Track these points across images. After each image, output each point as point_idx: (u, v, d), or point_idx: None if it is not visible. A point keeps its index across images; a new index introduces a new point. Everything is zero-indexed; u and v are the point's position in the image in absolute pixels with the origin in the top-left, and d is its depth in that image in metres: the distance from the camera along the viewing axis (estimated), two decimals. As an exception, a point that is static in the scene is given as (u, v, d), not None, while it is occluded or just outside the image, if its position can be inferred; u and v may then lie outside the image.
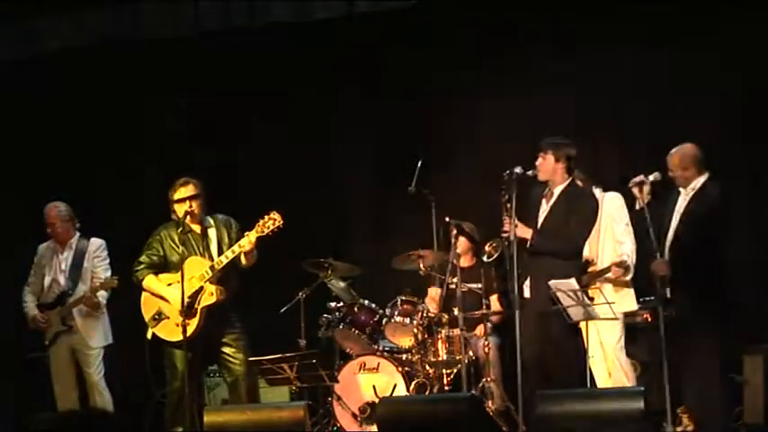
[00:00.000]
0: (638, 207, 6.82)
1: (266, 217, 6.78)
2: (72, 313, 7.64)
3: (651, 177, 6.68)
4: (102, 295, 7.66)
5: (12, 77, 9.25)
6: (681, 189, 6.80)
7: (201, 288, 6.84)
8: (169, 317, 6.95)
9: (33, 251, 7.97)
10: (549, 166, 6.99)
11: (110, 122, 9.36)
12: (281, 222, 6.74)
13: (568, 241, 6.91)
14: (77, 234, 7.83)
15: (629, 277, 7.03)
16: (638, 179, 6.68)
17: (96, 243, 7.79)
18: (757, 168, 8.10)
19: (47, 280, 7.77)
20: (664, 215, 6.78)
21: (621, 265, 6.95)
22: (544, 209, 7.05)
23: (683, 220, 6.70)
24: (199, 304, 6.82)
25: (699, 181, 6.74)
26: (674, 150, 6.79)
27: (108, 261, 7.77)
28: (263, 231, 6.75)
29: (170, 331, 6.94)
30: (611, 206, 7.10)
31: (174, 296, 6.87)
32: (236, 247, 6.84)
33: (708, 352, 6.59)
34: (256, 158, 9.25)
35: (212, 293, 6.86)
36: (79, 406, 7.63)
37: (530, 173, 6.95)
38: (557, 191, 7.04)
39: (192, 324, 6.84)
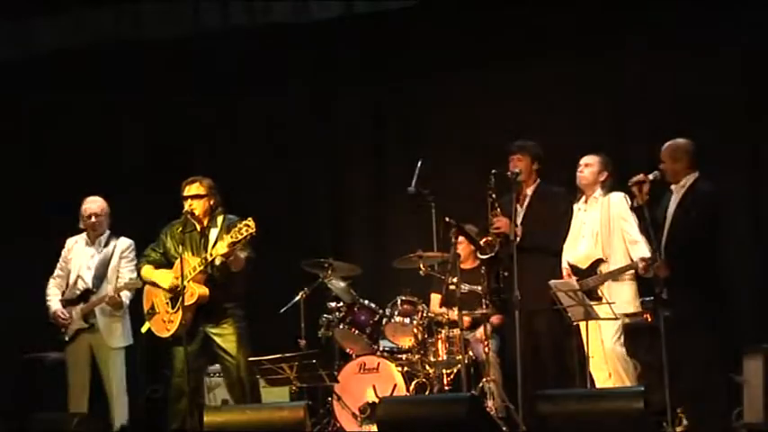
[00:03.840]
0: (635, 205, 6.81)
1: (241, 224, 6.74)
2: (94, 311, 7.60)
3: (651, 176, 6.66)
4: (126, 295, 7.58)
5: (11, 77, 9.25)
6: (672, 187, 6.76)
7: (185, 287, 6.84)
8: (159, 312, 7.02)
9: (31, 251, 7.94)
10: (526, 167, 7.23)
11: (109, 122, 9.37)
12: (254, 230, 6.65)
13: (552, 237, 7.10)
14: (108, 232, 7.77)
15: (649, 274, 7.00)
16: (638, 178, 6.67)
17: (125, 243, 7.70)
18: (757, 168, 8.10)
19: (72, 275, 7.70)
20: (656, 215, 6.77)
21: (648, 260, 6.91)
22: (519, 211, 7.21)
23: (675, 220, 6.67)
24: (182, 303, 6.82)
25: (689, 179, 6.71)
26: (667, 143, 6.80)
27: (135, 262, 7.59)
28: (237, 238, 6.68)
29: (159, 326, 7.04)
30: (620, 207, 7.07)
31: (165, 281, 6.98)
32: (212, 251, 6.83)
33: (707, 352, 6.58)
34: (256, 158, 9.25)
35: (193, 294, 6.86)
36: (87, 407, 7.59)
37: (512, 174, 7.12)
38: (529, 191, 7.30)
39: (176, 321, 6.86)
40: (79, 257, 7.70)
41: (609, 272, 6.99)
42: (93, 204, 7.69)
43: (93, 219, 7.64)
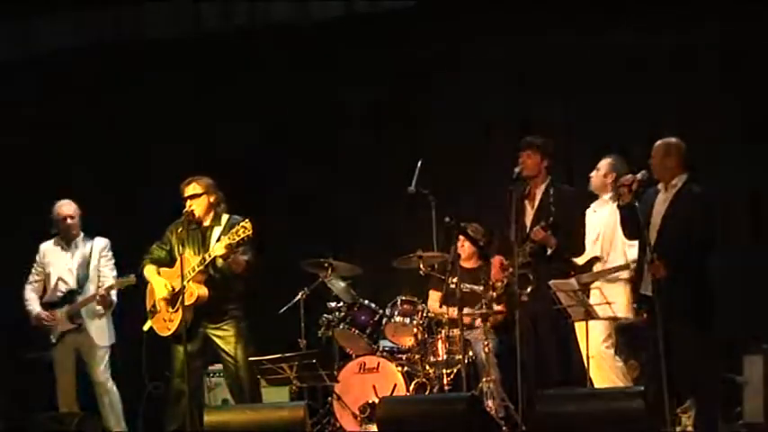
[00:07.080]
0: (620, 204, 6.72)
1: (237, 225, 6.74)
2: (80, 312, 7.63)
3: (639, 176, 6.59)
4: (115, 293, 7.67)
5: (11, 77, 9.25)
6: (660, 187, 6.68)
7: (185, 287, 6.84)
8: (160, 310, 7.03)
9: (29, 249, 7.95)
10: (535, 164, 7.08)
11: (109, 123, 9.37)
12: (251, 232, 6.66)
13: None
14: (82, 233, 7.83)
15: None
16: (628, 179, 6.59)
17: (102, 242, 7.79)
18: (756, 168, 8.09)
19: (52, 278, 7.75)
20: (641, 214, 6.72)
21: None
22: (529, 211, 7.10)
23: (666, 220, 6.59)
24: (181, 302, 6.82)
25: (680, 179, 6.62)
26: (658, 141, 6.71)
27: (113, 261, 7.77)
28: (234, 239, 6.69)
29: (160, 325, 7.05)
30: None
31: (160, 288, 6.98)
32: (210, 252, 6.84)
33: (702, 352, 6.55)
34: (256, 158, 9.25)
35: (192, 294, 6.86)
36: (78, 406, 7.62)
37: (514, 175, 7.02)
38: (539, 191, 7.12)
39: (176, 320, 6.87)
40: (57, 261, 7.77)
41: (601, 270, 7.00)
42: (68, 207, 7.76)
43: (68, 221, 7.73)
